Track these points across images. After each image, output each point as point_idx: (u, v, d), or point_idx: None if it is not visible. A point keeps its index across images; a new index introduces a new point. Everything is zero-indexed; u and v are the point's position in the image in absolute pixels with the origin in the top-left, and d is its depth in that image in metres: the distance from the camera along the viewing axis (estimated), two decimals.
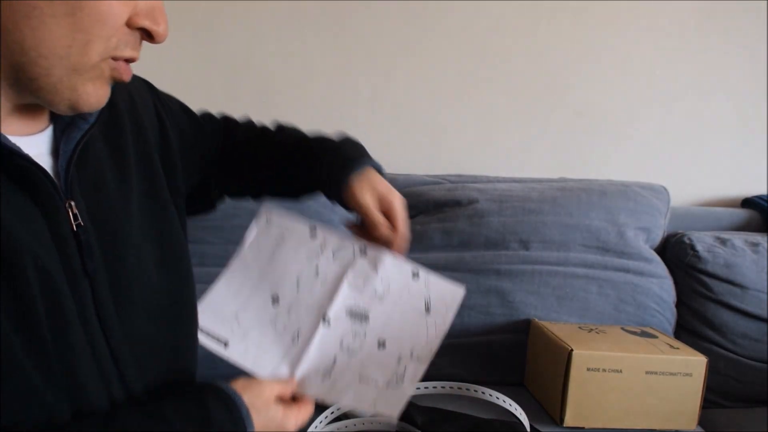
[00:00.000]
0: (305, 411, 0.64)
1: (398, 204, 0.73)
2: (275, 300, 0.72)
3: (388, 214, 0.72)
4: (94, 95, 0.51)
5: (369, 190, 0.73)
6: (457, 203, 1.32)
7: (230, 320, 0.70)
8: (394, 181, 1.40)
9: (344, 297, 0.71)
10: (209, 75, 1.48)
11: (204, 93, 1.49)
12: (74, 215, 0.52)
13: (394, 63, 1.49)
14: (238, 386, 0.59)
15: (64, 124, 0.55)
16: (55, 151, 0.54)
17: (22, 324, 0.46)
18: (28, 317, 0.47)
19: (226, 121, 0.86)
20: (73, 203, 0.52)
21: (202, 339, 0.68)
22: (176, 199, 0.68)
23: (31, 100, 0.51)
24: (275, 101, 1.50)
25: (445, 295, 0.71)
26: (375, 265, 0.72)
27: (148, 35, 0.52)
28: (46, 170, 0.50)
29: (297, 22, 1.46)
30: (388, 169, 1.47)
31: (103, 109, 0.56)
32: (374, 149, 1.54)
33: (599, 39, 1.50)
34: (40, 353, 0.47)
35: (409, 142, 1.54)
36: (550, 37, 1.49)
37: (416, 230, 1.30)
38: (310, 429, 0.90)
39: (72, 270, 0.51)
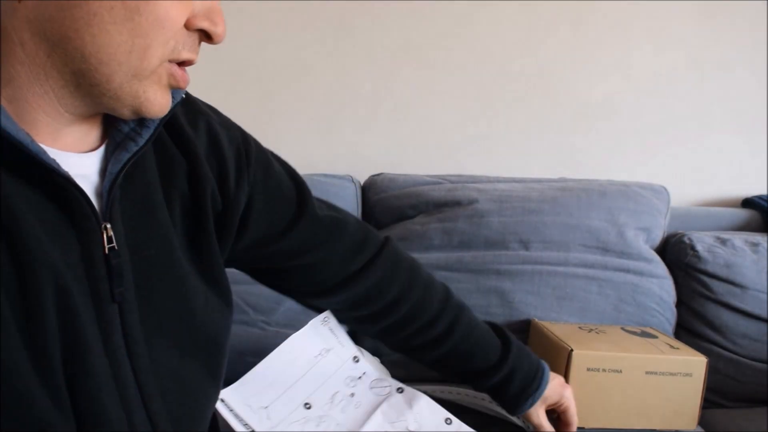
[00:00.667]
0: None
1: (568, 405, 0.86)
2: (308, 406, 0.72)
3: (560, 414, 0.86)
4: (156, 102, 0.50)
5: (542, 409, 0.84)
6: (457, 203, 1.32)
7: (260, 411, 0.70)
8: (394, 181, 1.40)
9: (376, 425, 0.72)
10: (209, 75, 1.48)
11: (204, 93, 1.49)
12: (108, 238, 0.51)
13: (395, 63, 1.49)
14: None
15: (115, 145, 0.54)
16: (103, 171, 0.53)
17: (31, 339, 0.45)
18: (39, 333, 0.46)
19: (372, 238, 0.81)
20: (109, 226, 0.51)
21: (230, 417, 0.67)
22: (223, 248, 0.65)
23: (94, 109, 0.50)
24: (275, 101, 1.50)
25: None
26: (410, 403, 0.74)
27: (206, 36, 0.51)
28: (83, 190, 0.49)
29: (297, 22, 1.46)
30: (388, 169, 1.48)
31: (159, 136, 0.56)
32: (375, 149, 1.56)
33: (599, 39, 1.50)
34: (47, 371, 0.46)
35: (409, 142, 1.54)
36: (550, 37, 1.49)
37: (416, 230, 1.30)
38: None
39: (99, 294, 0.50)
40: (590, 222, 1.28)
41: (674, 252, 1.34)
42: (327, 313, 0.78)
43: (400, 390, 0.75)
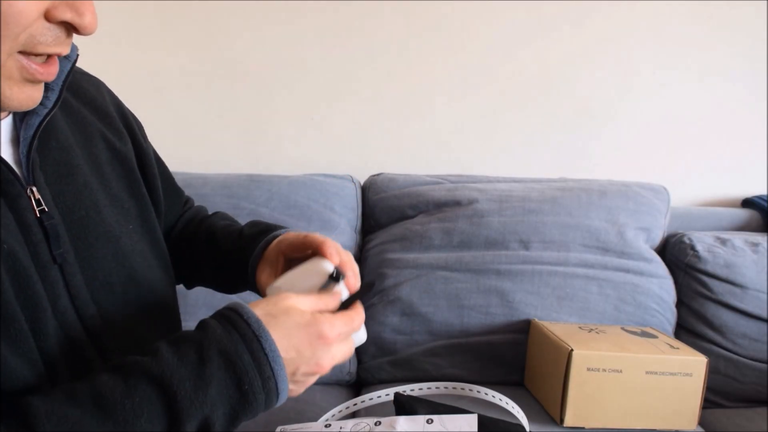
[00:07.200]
0: (347, 317, 0.54)
1: (319, 241, 0.62)
2: None
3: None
4: (13, 98, 0.47)
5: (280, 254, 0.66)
6: (457, 203, 1.32)
7: None
8: (394, 181, 1.40)
9: None
10: (209, 75, 1.48)
11: (204, 93, 1.49)
12: (37, 201, 0.51)
13: (395, 63, 1.49)
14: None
15: (22, 113, 0.53)
16: (16, 139, 0.53)
17: None
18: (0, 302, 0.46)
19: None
20: (34, 189, 0.52)
21: None
22: (153, 196, 0.68)
23: None
24: (275, 101, 1.50)
25: (462, 427, 0.77)
26: (393, 426, 0.78)
27: (74, 28, 0.47)
28: (3, 158, 0.49)
29: (297, 22, 1.46)
30: (388, 169, 1.48)
31: (65, 96, 0.55)
32: (375, 149, 1.56)
33: (599, 39, 1.50)
34: (14, 336, 0.47)
35: (409, 142, 1.54)
36: (551, 37, 1.49)
37: (416, 230, 1.30)
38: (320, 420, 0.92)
39: (40, 258, 0.51)
40: (590, 222, 1.28)
41: (674, 252, 1.34)
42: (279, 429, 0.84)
43: (377, 423, 0.78)
